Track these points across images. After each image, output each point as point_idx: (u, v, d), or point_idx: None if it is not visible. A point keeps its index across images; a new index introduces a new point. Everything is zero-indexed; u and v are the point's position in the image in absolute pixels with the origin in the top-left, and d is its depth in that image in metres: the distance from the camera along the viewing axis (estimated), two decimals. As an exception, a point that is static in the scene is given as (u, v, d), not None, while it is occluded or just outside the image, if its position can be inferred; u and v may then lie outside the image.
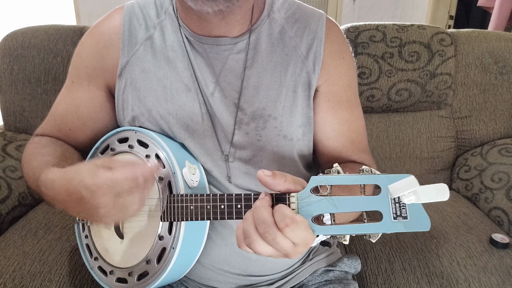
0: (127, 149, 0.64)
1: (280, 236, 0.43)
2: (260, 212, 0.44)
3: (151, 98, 0.66)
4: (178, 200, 0.56)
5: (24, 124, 1.18)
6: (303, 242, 0.44)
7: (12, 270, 0.78)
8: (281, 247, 0.43)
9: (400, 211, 0.41)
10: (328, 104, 0.69)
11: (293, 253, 0.45)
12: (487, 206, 1.04)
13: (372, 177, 0.42)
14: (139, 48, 0.67)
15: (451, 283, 0.80)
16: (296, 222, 0.43)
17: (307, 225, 0.43)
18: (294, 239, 0.43)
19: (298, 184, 0.46)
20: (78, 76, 0.70)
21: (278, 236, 0.43)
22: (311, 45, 0.67)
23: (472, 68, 1.20)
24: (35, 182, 0.60)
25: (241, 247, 0.47)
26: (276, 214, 0.44)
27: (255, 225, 0.45)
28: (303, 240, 0.44)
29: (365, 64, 1.16)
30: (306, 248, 0.45)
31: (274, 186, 0.45)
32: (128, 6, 0.69)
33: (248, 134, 0.66)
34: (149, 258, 0.59)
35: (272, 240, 0.43)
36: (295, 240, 0.43)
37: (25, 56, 1.14)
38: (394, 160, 1.22)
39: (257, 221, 0.44)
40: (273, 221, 0.43)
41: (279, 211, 0.44)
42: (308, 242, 0.44)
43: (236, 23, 0.64)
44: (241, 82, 0.65)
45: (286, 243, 0.43)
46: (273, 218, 0.44)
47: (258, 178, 0.45)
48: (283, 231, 0.43)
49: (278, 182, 0.45)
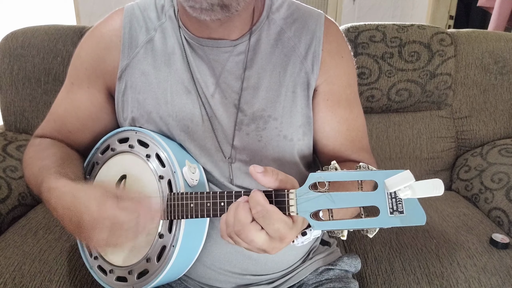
0: (128, 149, 0.65)
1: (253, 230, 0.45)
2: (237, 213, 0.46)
3: (151, 100, 0.66)
4: (178, 198, 0.56)
5: (25, 124, 1.18)
6: (277, 233, 0.45)
7: (12, 269, 0.78)
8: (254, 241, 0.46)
9: (396, 206, 0.41)
10: (327, 104, 0.69)
11: (270, 248, 0.46)
12: (487, 207, 1.04)
13: (368, 173, 0.42)
14: (140, 51, 0.67)
15: (451, 283, 0.80)
16: (267, 209, 0.44)
17: (280, 216, 0.45)
18: (267, 229, 0.45)
19: (289, 183, 0.47)
20: (77, 78, 0.70)
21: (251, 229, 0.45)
22: (309, 45, 0.67)
23: (472, 68, 1.20)
24: (36, 187, 0.61)
25: (223, 237, 0.50)
26: (250, 200, 0.46)
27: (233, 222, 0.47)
28: (276, 231, 0.45)
29: (365, 64, 1.16)
30: (281, 243, 0.46)
31: (265, 183, 0.46)
32: (128, 8, 0.69)
33: (249, 135, 0.66)
34: (149, 256, 0.59)
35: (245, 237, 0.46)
36: (268, 230, 0.45)
37: (25, 56, 1.14)
38: (394, 161, 1.22)
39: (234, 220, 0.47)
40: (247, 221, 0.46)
41: (253, 198, 0.46)
42: (282, 236, 0.45)
43: (235, 28, 0.64)
44: (241, 84, 0.66)
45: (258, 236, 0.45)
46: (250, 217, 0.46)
47: (250, 174, 0.46)
48: (255, 217, 0.45)
49: (269, 179, 0.46)
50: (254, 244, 0.46)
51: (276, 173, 0.46)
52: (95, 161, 0.69)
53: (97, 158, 0.69)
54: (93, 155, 0.70)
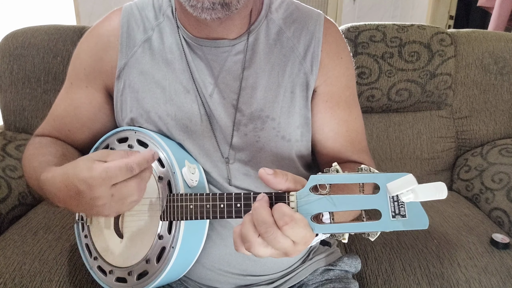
0: (127, 149, 0.64)
1: (280, 235, 0.43)
2: (259, 213, 0.44)
3: (149, 100, 0.66)
4: (177, 199, 0.56)
5: (24, 124, 1.18)
6: (303, 240, 0.44)
7: (12, 269, 0.78)
8: (281, 246, 0.43)
9: (398, 210, 0.41)
10: (326, 105, 0.69)
11: (293, 252, 0.45)
12: (488, 207, 1.04)
13: (370, 175, 0.42)
14: (137, 50, 0.67)
15: (452, 284, 0.80)
16: (295, 220, 0.43)
17: (306, 223, 0.44)
18: (294, 237, 0.43)
19: (298, 183, 0.46)
20: (76, 78, 0.71)
21: (279, 235, 0.43)
22: (308, 46, 0.67)
23: (472, 68, 1.19)
24: (36, 181, 0.60)
25: (239, 250, 0.47)
26: (275, 212, 0.44)
27: (255, 227, 0.45)
28: (303, 238, 0.44)
29: (365, 64, 1.16)
30: (305, 246, 0.45)
31: (276, 185, 0.46)
32: (126, 8, 0.69)
33: (247, 135, 0.66)
34: (149, 257, 0.59)
35: (274, 239, 0.43)
36: (294, 238, 0.43)
37: (25, 56, 1.14)
38: (394, 161, 1.22)
39: (256, 221, 0.44)
40: (273, 220, 0.44)
41: (278, 210, 0.44)
42: (307, 240, 0.44)
43: (234, 27, 0.64)
44: (239, 84, 0.65)
45: (286, 241, 0.43)
46: (272, 218, 0.44)
47: (260, 176, 0.46)
48: (282, 229, 0.43)
49: (279, 180, 0.45)
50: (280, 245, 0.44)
51: (285, 174, 0.46)
52: (94, 161, 0.69)
53: None
54: (93, 155, 0.70)
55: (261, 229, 0.44)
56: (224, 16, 0.57)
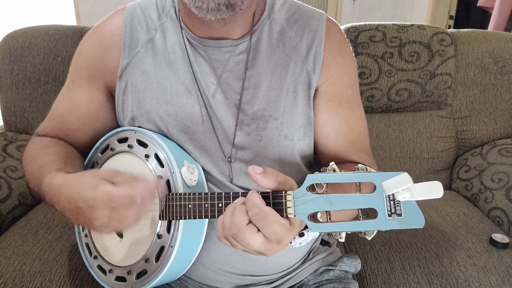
0: (127, 149, 0.65)
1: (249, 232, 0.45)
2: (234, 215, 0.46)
3: (151, 99, 0.66)
4: (176, 198, 0.56)
5: (25, 125, 1.18)
6: (274, 236, 0.45)
7: (12, 269, 0.78)
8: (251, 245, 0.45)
9: (394, 209, 0.41)
10: (328, 104, 0.69)
11: (266, 250, 0.46)
12: (487, 206, 1.04)
13: (366, 174, 0.42)
14: (140, 50, 0.67)
15: (451, 282, 0.80)
16: (264, 212, 0.44)
17: (277, 219, 0.45)
18: (264, 231, 0.44)
19: (288, 184, 0.47)
20: (78, 76, 0.71)
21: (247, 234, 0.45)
22: (311, 45, 0.67)
23: (472, 68, 1.20)
24: (38, 183, 0.60)
25: (220, 239, 0.49)
26: (247, 202, 0.46)
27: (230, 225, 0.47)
28: (274, 233, 0.45)
29: (365, 64, 1.16)
30: (279, 245, 0.46)
31: (264, 184, 0.46)
32: (129, 8, 0.70)
33: (249, 135, 0.66)
34: (148, 256, 0.59)
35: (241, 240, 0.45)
36: (265, 232, 0.45)
37: (25, 56, 1.14)
38: (394, 161, 1.22)
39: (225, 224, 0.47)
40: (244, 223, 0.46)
41: (249, 200, 0.45)
42: (280, 238, 0.45)
43: (238, 28, 0.64)
44: (242, 83, 0.66)
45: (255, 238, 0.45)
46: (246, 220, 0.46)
47: (249, 174, 0.46)
48: (251, 219, 0.45)
49: (268, 180, 0.46)
50: (250, 247, 0.46)
51: (275, 174, 0.46)
52: (95, 161, 0.69)
53: (97, 158, 0.69)
54: (93, 154, 0.70)
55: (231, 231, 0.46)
56: (228, 17, 0.57)
